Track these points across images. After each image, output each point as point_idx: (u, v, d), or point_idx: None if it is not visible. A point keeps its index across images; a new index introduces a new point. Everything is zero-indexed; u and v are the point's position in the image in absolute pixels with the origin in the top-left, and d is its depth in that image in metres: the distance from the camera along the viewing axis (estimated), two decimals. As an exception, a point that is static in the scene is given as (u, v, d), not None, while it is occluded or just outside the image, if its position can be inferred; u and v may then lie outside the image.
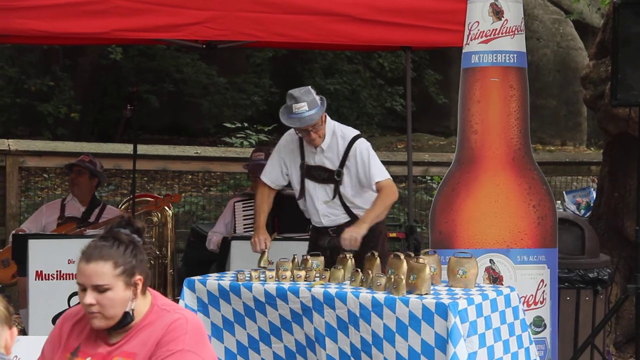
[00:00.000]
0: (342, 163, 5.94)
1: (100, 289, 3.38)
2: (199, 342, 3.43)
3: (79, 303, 3.51)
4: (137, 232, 3.53)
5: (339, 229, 5.95)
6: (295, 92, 5.84)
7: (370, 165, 5.89)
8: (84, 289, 3.41)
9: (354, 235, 5.70)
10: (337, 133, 5.98)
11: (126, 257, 3.43)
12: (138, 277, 3.45)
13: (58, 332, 3.60)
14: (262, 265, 5.70)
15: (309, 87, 5.91)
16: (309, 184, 6.04)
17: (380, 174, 5.91)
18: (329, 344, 5.13)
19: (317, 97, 5.83)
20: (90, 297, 3.39)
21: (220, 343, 5.41)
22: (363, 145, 5.95)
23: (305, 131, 5.87)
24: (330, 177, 5.97)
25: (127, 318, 3.44)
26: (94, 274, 3.38)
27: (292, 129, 6.04)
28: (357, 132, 6.06)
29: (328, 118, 6.01)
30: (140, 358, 3.40)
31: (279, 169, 6.14)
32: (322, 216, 6.04)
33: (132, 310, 3.45)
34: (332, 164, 5.96)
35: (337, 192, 5.98)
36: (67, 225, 7.31)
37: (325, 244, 6.01)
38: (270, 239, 5.95)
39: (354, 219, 5.96)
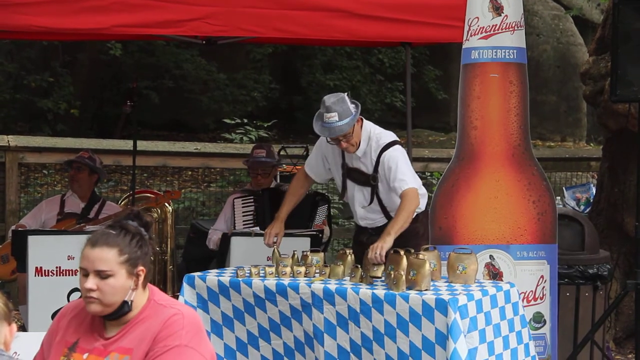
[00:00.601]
0: (375, 168, 5.90)
1: (102, 275, 3.38)
2: (196, 337, 3.42)
3: (79, 297, 3.50)
4: (145, 226, 3.53)
5: (378, 229, 5.90)
6: (328, 99, 5.74)
7: (396, 174, 5.78)
8: (86, 273, 3.40)
9: (377, 252, 5.50)
10: (373, 139, 5.89)
11: (132, 246, 3.43)
12: (141, 268, 3.45)
13: (56, 327, 3.59)
14: (274, 261, 5.61)
15: (344, 95, 5.78)
16: (350, 185, 6.03)
17: (404, 182, 5.77)
18: (328, 340, 5.12)
19: (351, 106, 5.72)
20: (91, 282, 3.38)
21: (220, 339, 5.41)
22: (393, 154, 5.84)
23: (336, 140, 5.81)
24: (367, 180, 5.94)
25: (124, 307, 3.43)
26: (98, 259, 3.39)
27: None
28: (392, 139, 5.93)
29: (365, 122, 5.91)
30: (137, 353, 3.38)
31: (321, 164, 6.13)
32: (360, 219, 6.05)
33: (131, 301, 3.44)
34: (366, 168, 5.93)
35: (374, 196, 5.95)
36: (66, 221, 7.30)
37: (365, 240, 5.96)
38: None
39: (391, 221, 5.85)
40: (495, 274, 6.14)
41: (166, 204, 7.84)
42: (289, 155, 9.10)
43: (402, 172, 5.81)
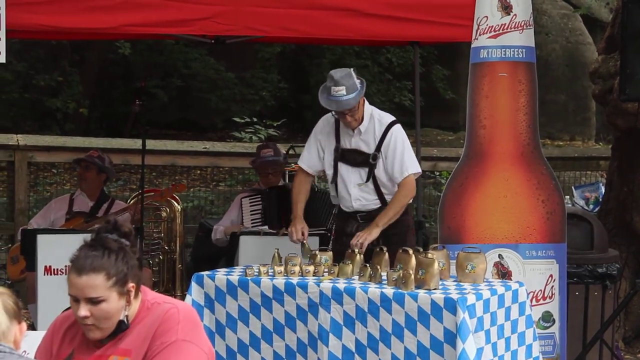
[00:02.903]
0: (378, 147, 5.93)
1: (94, 301, 3.31)
2: (193, 330, 3.39)
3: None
4: (125, 236, 3.44)
5: (369, 215, 5.96)
6: (335, 74, 5.83)
7: (404, 153, 5.90)
8: (76, 300, 3.33)
9: (360, 242, 5.72)
10: (375, 117, 5.98)
11: (118, 265, 3.34)
12: (131, 285, 3.38)
13: (50, 341, 3.53)
14: (305, 257, 5.63)
15: (351, 70, 5.91)
16: (342, 168, 6.03)
17: (412, 166, 5.93)
18: (333, 340, 5.10)
19: (357, 81, 5.84)
20: (84, 310, 3.31)
21: (222, 340, 5.39)
22: (400, 133, 5.96)
23: (341, 114, 5.87)
24: (365, 160, 5.96)
25: (121, 326, 3.38)
26: (86, 286, 3.30)
27: (329, 115, 6.04)
28: (394, 118, 6.05)
29: (367, 102, 6.00)
30: (136, 354, 3.35)
31: (316, 153, 6.13)
32: (354, 200, 6.01)
33: (127, 316, 3.39)
34: (367, 147, 5.96)
35: (371, 175, 5.96)
36: (75, 220, 7.32)
37: (353, 230, 5.97)
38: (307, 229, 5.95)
39: (384, 205, 5.97)
40: (504, 273, 6.14)
41: (175, 202, 7.84)
42: (298, 155, 9.09)
43: (408, 154, 5.93)
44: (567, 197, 8.31)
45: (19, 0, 5.73)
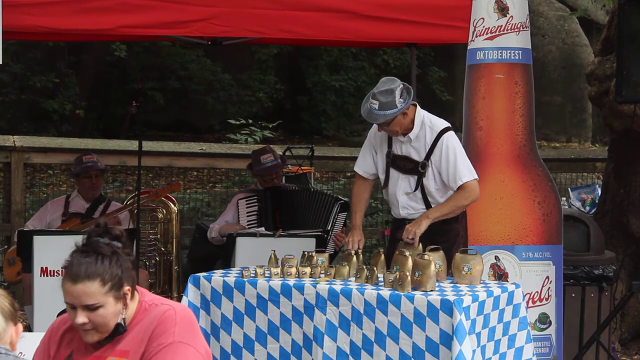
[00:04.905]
0: (428, 155, 5.78)
1: (91, 308, 3.30)
2: (190, 332, 3.39)
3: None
4: (116, 238, 3.41)
5: None
6: (381, 84, 5.73)
7: (456, 161, 5.71)
8: (73, 307, 3.32)
9: (411, 237, 5.55)
10: (426, 123, 5.81)
11: (112, 270, 3.32)
12: (127, 288, 3.37)
13: (47, 343, 3.53)
14: (353, 268, 5.50)
15: (398, 87, 5.69)
16: (393, 174, 5.90)
17: (466, 173, 5.72)
18: (328, 342, 5.10)
19: (399, 100, 5.64)
20: (81, 317, 3.31)
21: (217, 342, 5.39)
22: (451, 140, 5.77)
23: (379, 125, 5.78)
24: (414, 168, 5.81)
25: (119, 329, 3.37)
26: (82, 294, 3.29)
27: None
28: (446, 125, 5.85)
29: (418, 108, 5.84)
30: (134, 355, 3.35)
31: (370, 158, 6.01)
32: (402, 208, 5.88)
33: (124, 319, 3.38)
34: (418, 154, 5.81)
35: (419, 184, 5.81)
36: (71, 221, 7.31)
37: (401, 237, 5.83)
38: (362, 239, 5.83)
39: None
40: (500, 275, 6.14)
41: (171, 203, 7.83)
42: (295, 156, 9.10)
43: (462, 161, 5.74)
44: (564, 198, 8.31)
45: (15, 1, 5.73)
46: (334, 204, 7.22)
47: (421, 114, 5.84)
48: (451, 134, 5.78)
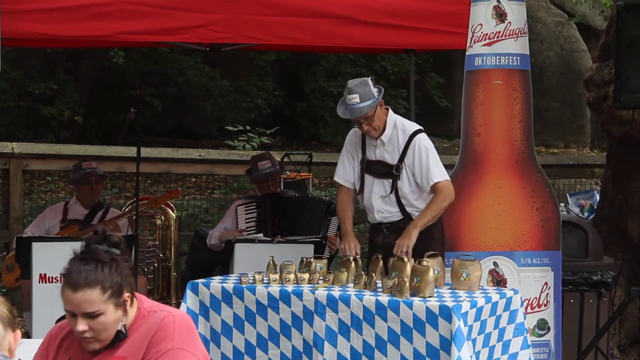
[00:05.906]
0: (402, 158, 5.82)
1: (91, 316, 3.30)
2: (189, 338, 3.39)
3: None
4: (115, 245, 3.41)
5: (392, 226, 5.85)
6: (351, 82, 5.78)
7: (429, 162, 5.77)
8: (73, 315, 3.32)
9: (404, 250, 5.57)
10: (399, 126, 5.87)
11: (112, 277, 3.32)
12: (126, 295, 3.37)
13: (45, 350, 3.52)
14: (352, 274, 5.49)
15: (368, 78, 5.81)
16: (368, 179, 5.93)
17: (438, 174, 5.77)
18: (328, 348, 5.10)
19: (374, 89, 5.74)
20: (82, 325, 3.30)
21: (218, 348, 5.39)
22: (423, 141, 5.83)
23: (358, 123, 5.81)
24: (389, 171, 5.85)
25: (120, 336, 3.38)
26: (83, 302, 3.29)
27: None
28: (418, 127, 5.92)
29: (390, 111, 5.90)
30: None
31: (349, 166, 6.04)
32: (377, 212, 5.91)
33: (124, 326, 3.39)
34: (391, 158, 5.85)
35: (394, 188, 5.85)
36: (70, 228, 7.31)
37: (379, 242, 5.90)
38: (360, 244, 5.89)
39: (406, 217, 5.83)
40: (499, 281, 6.14)
41: (169, 210, 7.83)
42: (293, 162, 9.10)
43: (434, 162, 5.79)
44: (562, 204, 8.31)
45: (14, 8, 5.74)
46: (326, 208, 7.25)
47: (393, 117, 5.91)
48: (423, 136, 5.86)
